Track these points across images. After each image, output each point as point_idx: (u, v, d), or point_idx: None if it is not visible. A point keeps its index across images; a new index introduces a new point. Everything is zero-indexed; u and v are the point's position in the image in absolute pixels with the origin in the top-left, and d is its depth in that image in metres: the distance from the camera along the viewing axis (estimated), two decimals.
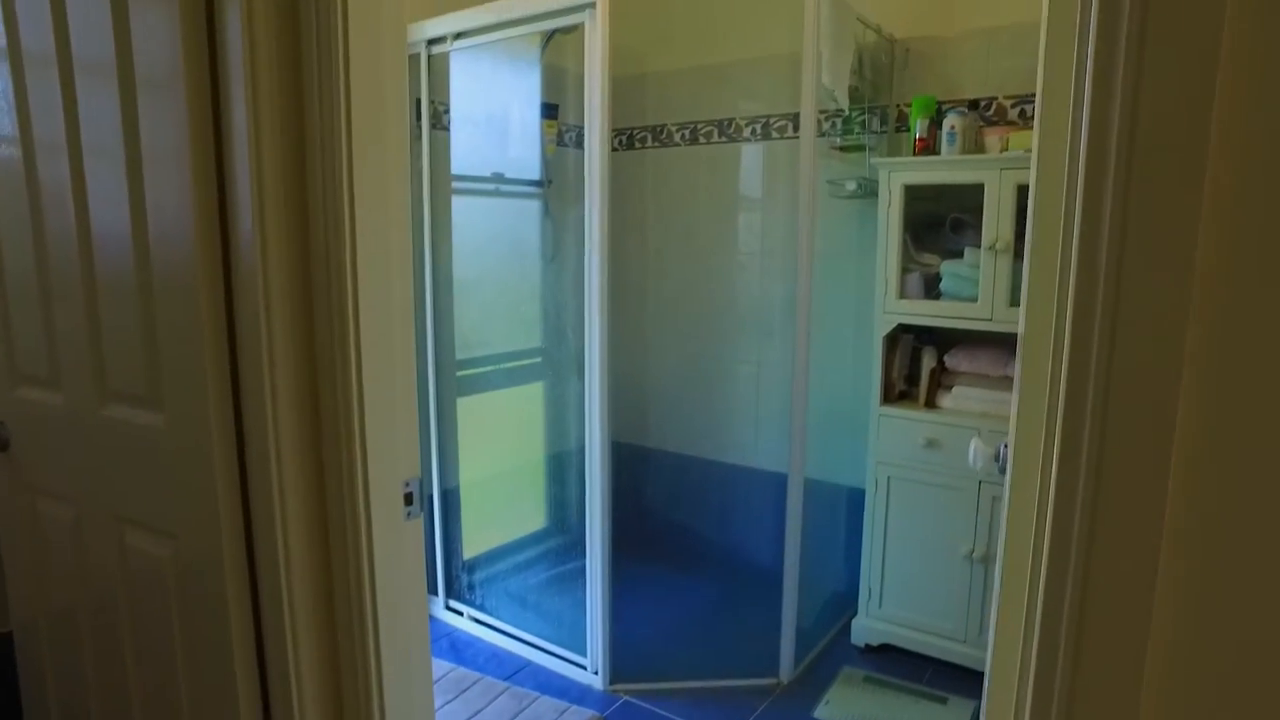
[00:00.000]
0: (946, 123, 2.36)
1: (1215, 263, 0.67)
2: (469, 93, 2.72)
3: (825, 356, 2.63)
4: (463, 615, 2.86)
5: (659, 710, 2.34)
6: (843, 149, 2.69)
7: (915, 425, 2.46)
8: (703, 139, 3.13)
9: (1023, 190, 2.21)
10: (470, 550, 2.91)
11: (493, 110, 2.94)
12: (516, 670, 2.57)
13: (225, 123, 1.18)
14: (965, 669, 2.46)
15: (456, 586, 2.91)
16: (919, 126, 2.45)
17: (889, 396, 2.55)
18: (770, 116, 2.96)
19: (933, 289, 2.47)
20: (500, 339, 3.03)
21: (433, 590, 2.90)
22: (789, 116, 2.88)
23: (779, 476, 2.50)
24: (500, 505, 3.09)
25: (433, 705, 1.46)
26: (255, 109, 1.14)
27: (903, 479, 2.50)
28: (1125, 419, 0.71)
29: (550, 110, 2.98)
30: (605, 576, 2.39)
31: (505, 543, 3.04)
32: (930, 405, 2.50)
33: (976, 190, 2.30)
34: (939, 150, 2.40)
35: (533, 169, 3.05)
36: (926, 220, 2.53)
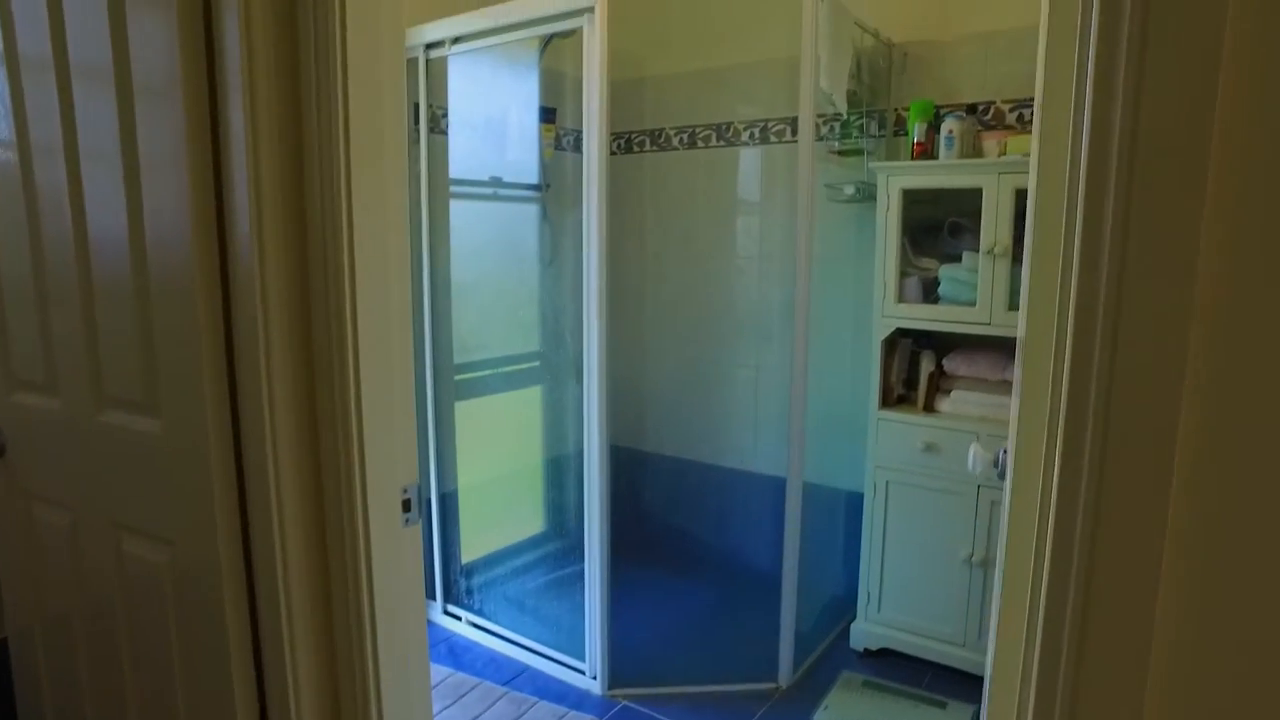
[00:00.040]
0: (944, 127, 2.37)
1: (1218, 265, 0.67)
2: (467, 97, 2.72)
3: (824, 360, 2.63)
4: (461, 620, 2.85)
5: (658, 715, 2.33)
6: (841, 153, 2.69)
7: (914, 429, 2.46)
8: (701, 143, 3.13)
9: (1021, 194, 2.21)
10: (468, 554, 2.90)
11: (491, 114, 2.94)
12: (515, 675, 2.56)
13: (223, 127, 1.18)
14: (964, 673, 2.45)
15: (455, 591, 2.91)
16: (917, 131, 2.45)
17: (887, 400, 2.55)
18: (768, 120, 2.96)
19: (931, 293, 2.47)
20: (498, 343, 3.03)
21: (431, 595, 2.89)
22: (787, 120, 2.88)
23: (778, 480, 2.49)
24: (498, 509, 3.08)
25: (431, 711, 1.46)
26: (253, 114, 1.14)
27: (901, 483, 2.50)
28: (1127, 422, 0.71)
29: (548, 114, 2.98)
30: (604, 581, 2.38)
31: (503, 547, 3.03)
32: (929, 409, 2.50)
33: (974, 194, 2.30)
34: (937, 154, 2.40)
35: (531, 173, 3.05)
36: (925, 224, 2.53)
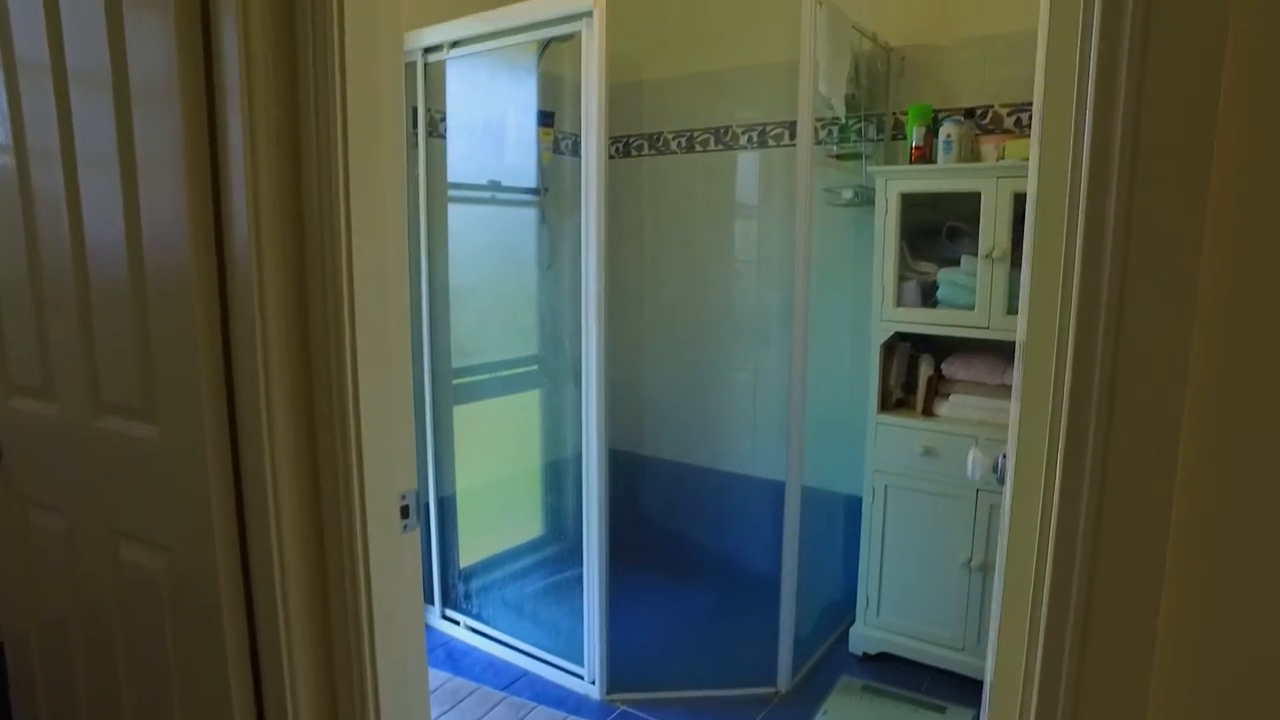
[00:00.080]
0: (942, 131, 2.37)
1: (1220, 265, 0.67)
2: (465, 101, 2.71)
3: (822, 364, 2.63)
4: (459, 624, 2.84)
5: None
6: (839, 157, 2.69)
7: (912, 433, 2.46)
8: (699, 147, 3.13)
9: (1019, 198, 2.21)
10: (467, 559, 2.89)
11: (489, 118, 2.94)
12: (513, 680, 2.55)
13: (220, 131, 1.17)
14: (963, 677, 2.45)
15: (453, 595, 2.90)
16: (915, 135, 2.45)
17: (886, 404, 2.55)
18: (767, 124, 2.96)
19: (929, 297, 2.47)
20: (497, 347, 3.02)
21: (429, 599, 2.88)
22: (785, 124, 2.88)
23: (776, 484, 2.49)
24: (497, 513, 3.08)
25: (429, 716, 1.45)
26: (251, 118, 1.14)
27: (900, 487, 2.50)
28: (1130, 425, 0.71)
29: (546, 118, 2.98)
30: (602, 585, 2.38)
31: (502, 551, 3.02)
32: (927, 413, 2.50)
33: (973, 198, 2.30)
34: (935, 158, 2.41)
35: (529, 177, 3.05)
36: (923, 228, 2.53)
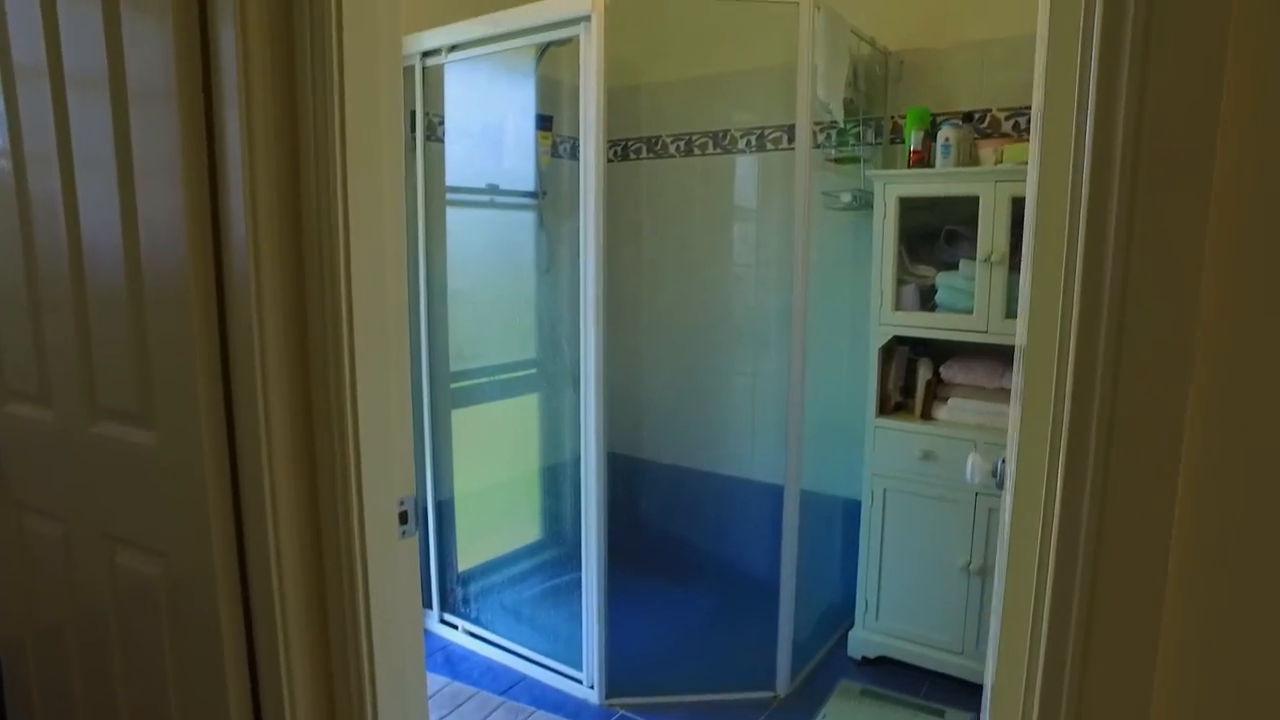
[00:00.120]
0: (941, 135, 2.37)
1: (1223, 269, 0.67)
2: (464, 104, 2.71)
3: (821, 368, 2.63)
4: (457, 629, 2.84)
5: None
6: (838, 161, 2.69)
7: (911, 437, 2.46)
8: (697, 150, 3.13)
9: (1018, 202, 2.21)
10: (465, 563, 2.89)
11: (487, 122, 2.94)
12: (512, 684, 2.55)
13: (218, 134, 1.17)
14: (962, 681, 2.44)
15: (451, 599, 2.89)
16: (913, 139, 2.45)
17: (885, 408, 2.55)
18: (765, 128, 2.96)
19: (928, 301, 2.47)
20: (495, 350, 3.02)
21: (427, 603, 2.87)
22: (784, 128, 2.89)
23: (775, 488, 2.49)
24: (495, 517, 3.07)
25: None
26: (249, 120, 1.13)
27: (899, 491, 2.50)
28: (1131, 429, 0.71)
29: (545, 122, 2.98)
30: (601, 589, 2.37)
31: (500, 555, 3.01)
32: (926, 417, 2.50)
33: (971, 202, 2.30)
34: (933, 162, 2.41)
35: (527, 180, 3.05)
36: (921, 232, 2.53)
